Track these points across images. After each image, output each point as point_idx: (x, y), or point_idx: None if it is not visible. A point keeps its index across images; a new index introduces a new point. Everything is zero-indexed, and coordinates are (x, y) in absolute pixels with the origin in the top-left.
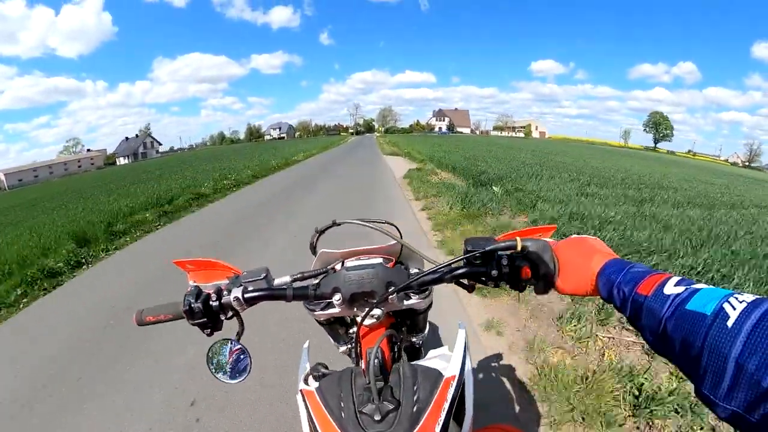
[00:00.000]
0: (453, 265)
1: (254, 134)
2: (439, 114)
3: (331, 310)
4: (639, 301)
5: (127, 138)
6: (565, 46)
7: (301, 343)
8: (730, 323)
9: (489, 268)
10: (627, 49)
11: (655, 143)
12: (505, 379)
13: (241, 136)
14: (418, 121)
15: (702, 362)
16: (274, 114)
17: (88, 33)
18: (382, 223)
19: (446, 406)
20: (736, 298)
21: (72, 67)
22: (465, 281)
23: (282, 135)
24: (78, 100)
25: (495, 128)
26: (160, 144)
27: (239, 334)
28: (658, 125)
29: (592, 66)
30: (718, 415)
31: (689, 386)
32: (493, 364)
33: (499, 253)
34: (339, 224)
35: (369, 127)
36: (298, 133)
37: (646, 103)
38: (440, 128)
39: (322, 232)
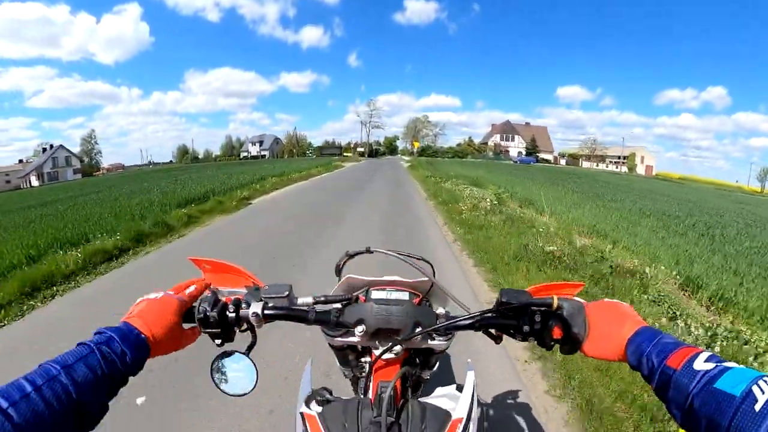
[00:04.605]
0: (486, 315)
1: (236, 150)
2: (506, 129)
3: (350, 339)
4: (668, 373)
5: (44, 149)
6: (593, 72)
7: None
8: (758, 407)
9: (521, 322)
10: (656, 74)
11: None
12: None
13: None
14: (470, 138)
15: None
16: (300, 132)
17: (126, 41)
18: (418, 258)
19: None
20: (765, 381)
21: (109, 73)
22: (493, 331)
23: (263, 152)
24: (113, 105)
25: (566, 155)
26: (82, 160)
27: (250, 348)
28: None
29: (619, 92)
30: None
31: None
32: None
33: (533, 308)
34: (372, 252)
35: (392, 148)
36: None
37: (673, 129)
38: (499, 152)
39: (352, 256)
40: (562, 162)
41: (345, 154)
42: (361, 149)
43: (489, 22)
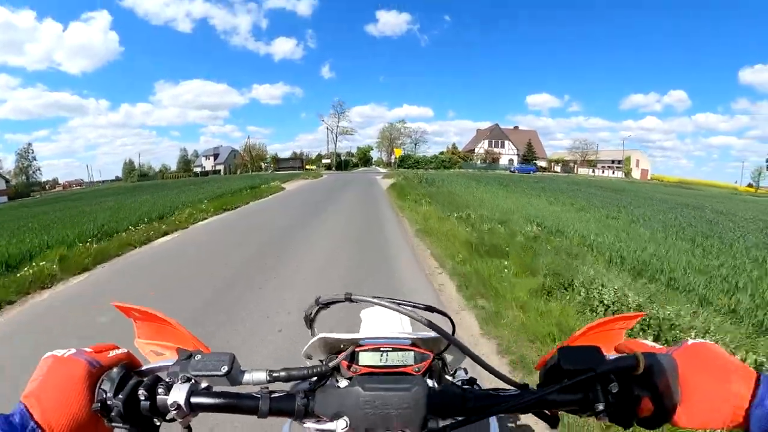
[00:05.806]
0: (545, 393)
1: (192, 164)
2: (495, 135)
3: (325, 426)
4: None
5: None
6: (560, 80)
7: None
8: None
9: (591, 396)
10: (620, 79)
11: None
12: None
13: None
14: (454, 145)
15: None
16: (273, 144)
17: (94, 51)
18: (428, 310)
19: None
20: None
21: (75, 83)
22: (547, 411)
23: (218, 166)
24: (80, 117)
25: (560, 162)
26: (7, 180)
27: None
28: None
29: (585, 98)
30: None
31: None
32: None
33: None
34: (354, 301)
35: (365, 159)
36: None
37: (638, 132)
38: (491, 160)
39: (325, 306)
40: (557, 169)
41: (307, 167)
42: (328, 160)
43: (459, 34)
